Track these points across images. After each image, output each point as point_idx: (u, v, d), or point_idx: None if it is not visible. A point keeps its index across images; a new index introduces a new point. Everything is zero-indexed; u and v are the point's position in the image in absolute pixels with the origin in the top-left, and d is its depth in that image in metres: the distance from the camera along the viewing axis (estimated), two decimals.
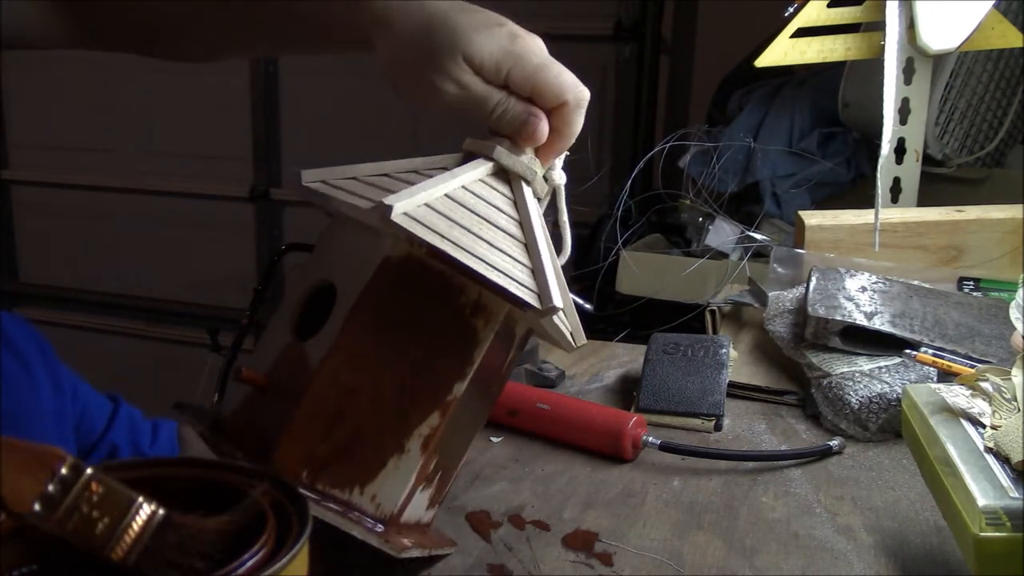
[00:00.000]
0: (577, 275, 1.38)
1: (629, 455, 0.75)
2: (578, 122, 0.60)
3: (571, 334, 0.59)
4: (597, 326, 1.42)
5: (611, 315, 1.37)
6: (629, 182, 1.28)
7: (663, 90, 2.38)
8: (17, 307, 3.19)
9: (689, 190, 1.48)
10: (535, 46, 0.60)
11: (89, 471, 0.39)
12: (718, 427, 0.82)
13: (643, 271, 1.33)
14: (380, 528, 0.55)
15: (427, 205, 0.53)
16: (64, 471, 0.38)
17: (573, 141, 0.61)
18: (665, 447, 0.74)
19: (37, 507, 0.37)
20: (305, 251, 0.63)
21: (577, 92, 0.59)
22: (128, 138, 2.97)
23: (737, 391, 0.89)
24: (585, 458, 0.76)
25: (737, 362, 0.93)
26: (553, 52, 0.60)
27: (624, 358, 1.00)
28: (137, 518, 0.39)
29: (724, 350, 0.88)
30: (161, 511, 0.40)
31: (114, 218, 3.07)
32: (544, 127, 0.59)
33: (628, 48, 2.38)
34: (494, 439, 0.80)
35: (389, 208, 0.51)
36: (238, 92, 2.80)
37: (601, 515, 0.67)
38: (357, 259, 0.56)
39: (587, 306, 0.81)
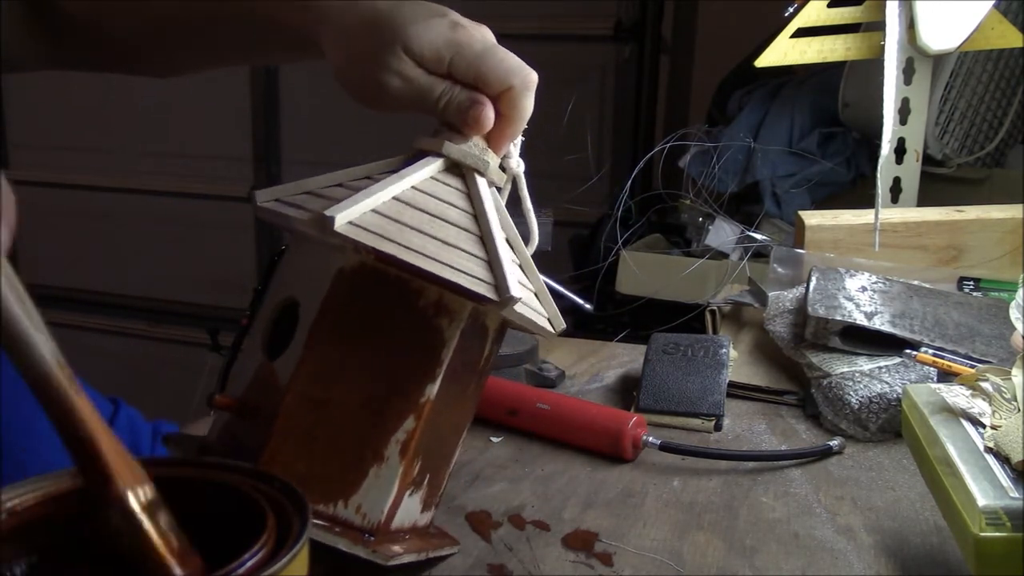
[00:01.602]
0: (577, 275, 1.38)
1: (629, 455, 0.75)
2: (527, 106, 0.59)
3: (549, 320, 0.59)
4: (597, 326, 1.42)
5: (611, 315, 1.38)
6: (629, 182, 1.28)
7: (663, 90, 2.38)
8: None
9: (689, 190, 1.48)
10: (478, 34, 0.59)
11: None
12: (718, 427, 0.82)
13: (643, 271, 1.33)
14: (370, 538, 0.55)
15: (374, 211, 0.52)
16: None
17: (524, 125, 0.60)
18: (665, 447, 0.74)
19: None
20: None
21: (523, 75, 0.58)
22: (128, 138, 2.97)
23: (737, 391, 0.89)
24: (585, 458, 0.76)
25: (737, 362, 0.93)
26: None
27: (624, 358, 1.00)
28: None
29: (724, 350, 0.88)
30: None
31: (114, 218, 3.07)
32: (488, 112, 0.58)
33: (628, 48, 2.38)
34: (494, 439, 0.80)
35: (331, 219, 0.50)
36: (238, 92, 2.80)
37: (601, 515, 0.67)
38: (314, 273, 0.55)
39: (587, 306, 0.81)
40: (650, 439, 0.75)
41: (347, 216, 0.51)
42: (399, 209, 0.54)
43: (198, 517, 0.47)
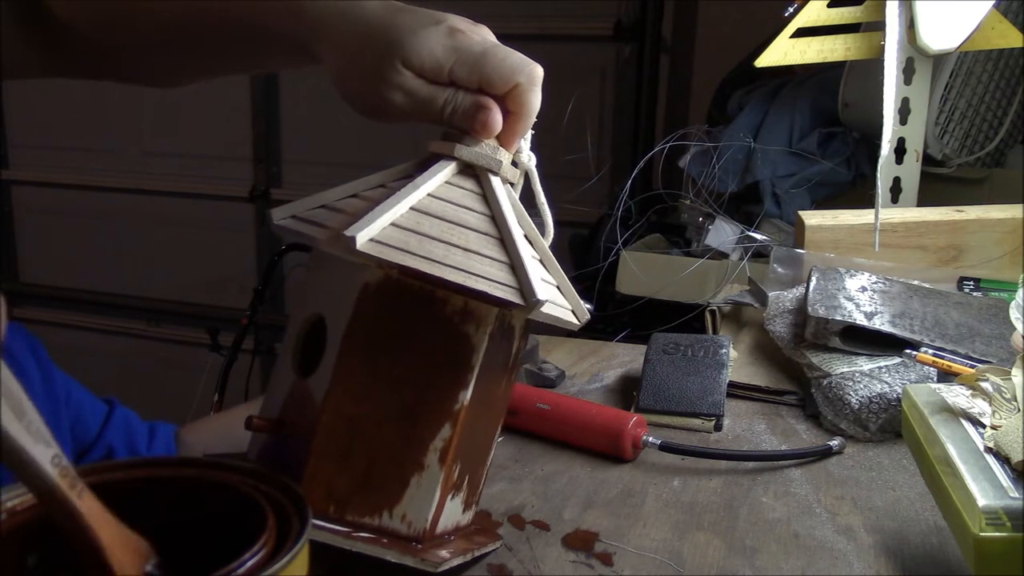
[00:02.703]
0: (577, 275, 1.38)
1: (629, 455, 0.75)
2: (534, 101, 0.58)
3: (572, 312, 0.58)
4: (597, 326, 1.42)
5: (611, 315, 1.37)
6: (629, 182, 1.28)
7: (663, 90, 2.38)
8: (17, 307, 3.20)
9: (689, 190, 1.48)
10: (477, 36, 0.58)
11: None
12: (718, 427, 0.82)
13: (643, 271, 1.33)
14: (417, 545, 0.55)
15: (394, 224, 0.52)
16: (150, 567, 0.41)
17: (533, 120, 0.60)
18: (665, 447, 0.74)
19: None
20: (305, 251, 0.62)
21: (528, 71, 0.57)
22: (128, 138, 2.98)
23: (737, 391, 0.89)
24: (585, 458, 0.76)
25: (737, 362, 0.93)
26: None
27: (624, 358, 1.00)
28: None
29: (724, 350, 0.88)
30: None
31: (114, 218, 3.07)
32: (495, 116, 0.57)
33: (628, 48, 2.38)
34: None
35: (352, 239, 0.50)
36: (238, 92, 2.80)
37: (601, 515, 0.67)
38: (339, 289, 0.55)
39: (587, 306, 0.81)
40: (650, 439, 0.75)
41: (368, 234, 0.51)
42: (418, 220, 0.53)
43: (198, 517, 0.47)
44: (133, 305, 3.08)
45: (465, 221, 0.55)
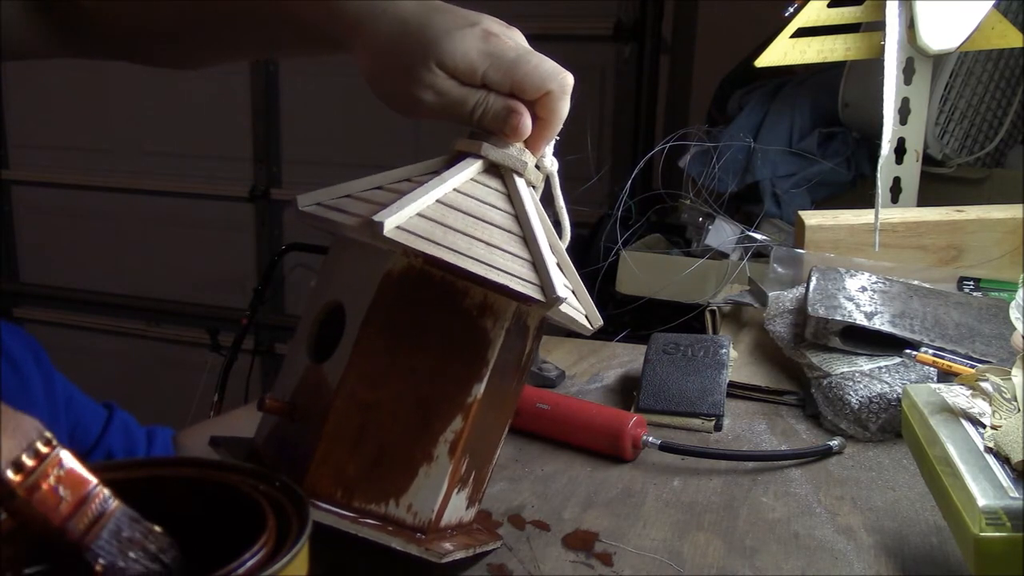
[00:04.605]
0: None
1: (629, 455, 0.75)
2: (563, 109, 0.59)
3: (586, 317, 0.59)
4: None
5: (611, 315, 1.37)
6: (629, 182, 1.28)
7: (663, 90, 2.38)
8: (17, 307, 3.20)
9: (689, 190, 1.48)
10: (511, 41, 0.59)
11: (61, 450, 0.40)
12: (718, 427, 0.82)
13: (643, 271, 1.33)
14: (421, 536, 0.55)
15: (420, 215, 0.53)
16: (39, 444, 0.40)
17: (560, 127, 0.60)
18: (665, 447, 0.74)
19: (9, 472, 0.39)
20: (305, 251, 0.62)
21: (560, 79, 0.58)
22: (128, 138, 2.97)
23: (737, 391, 0.89)
24: (585, 458, 0.76)
25: (737, 362, 0.93)
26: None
27: (624, 358, 1.00)
28: (96, 502, 0.41)
29: (724, 350, 0.88)
30: (120, 503, 0.41)
31: (114, 218, 3.07)
32: (526, 121, 0.58)
33: (628, 48, 2.38)
34: None
35: (380, 224, 0.51)
36: (238, 92, 2.80)
37: (601, 515, 0.67)
38: (360, 277, 0.56)
39: None
40: (650, 439, 0.75)
41: (395, 221, 0.52)
42: (443, 212, 0.54)
43: (198, 517, 0.47)
44: (133, 305, 3.08)
45: (489, 217, 0.56)
